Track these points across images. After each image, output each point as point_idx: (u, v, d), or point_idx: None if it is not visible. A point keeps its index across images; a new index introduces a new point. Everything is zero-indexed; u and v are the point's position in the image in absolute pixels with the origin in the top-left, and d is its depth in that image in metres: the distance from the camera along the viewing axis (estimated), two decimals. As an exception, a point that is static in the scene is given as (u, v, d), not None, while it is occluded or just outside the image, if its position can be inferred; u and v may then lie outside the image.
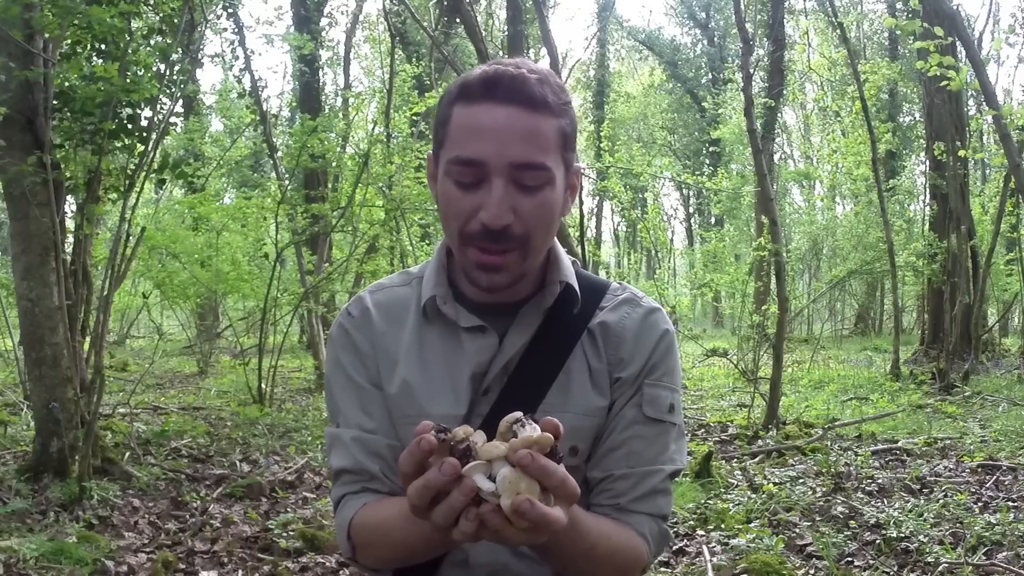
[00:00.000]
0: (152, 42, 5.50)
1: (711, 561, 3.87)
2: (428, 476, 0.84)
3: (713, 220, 28.77)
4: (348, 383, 1.20)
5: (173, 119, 5.79)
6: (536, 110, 1.06)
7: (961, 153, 10.78)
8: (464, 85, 1.08)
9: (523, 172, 1.05)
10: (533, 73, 1.07)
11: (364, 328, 1.22)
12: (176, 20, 5.54)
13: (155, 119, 5.32)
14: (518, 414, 0.89)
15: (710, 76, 29.70)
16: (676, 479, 1.21)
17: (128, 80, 4.77)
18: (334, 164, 10.77)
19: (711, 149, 25.30)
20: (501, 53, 17.53)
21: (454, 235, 1.11)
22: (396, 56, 15.79)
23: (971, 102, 13.57)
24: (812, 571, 3.78)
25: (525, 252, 1.10)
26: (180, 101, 6.47)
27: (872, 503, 4.76)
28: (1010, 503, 4.64)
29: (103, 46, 5.14)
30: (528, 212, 1.07)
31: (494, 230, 1.06)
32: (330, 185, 11.21)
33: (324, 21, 16.85)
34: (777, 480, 5.34)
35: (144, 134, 5.17)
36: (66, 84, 4.85)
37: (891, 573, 3.72)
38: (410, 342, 1.19)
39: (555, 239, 1.22)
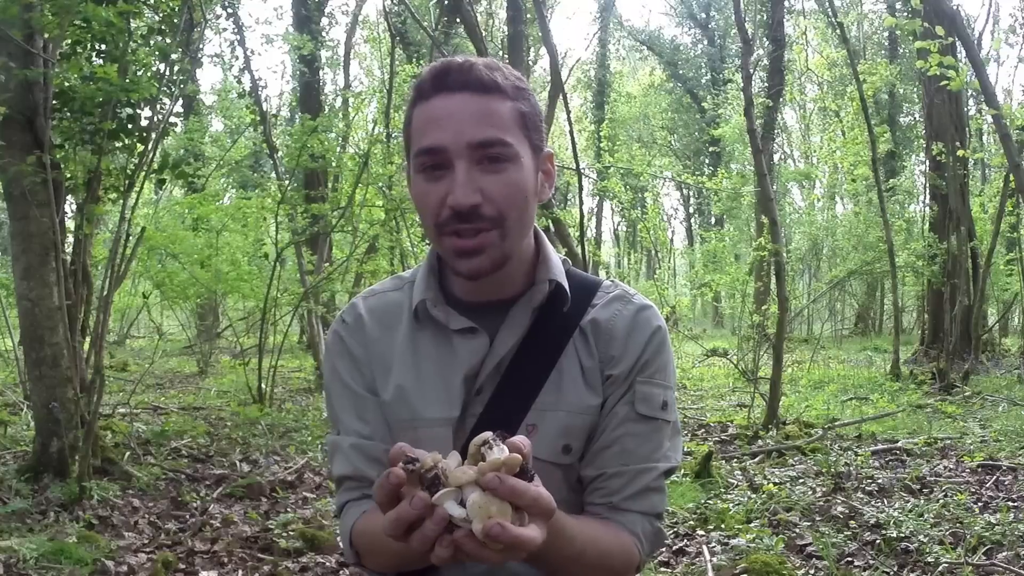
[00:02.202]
0: (152, 42, 5.50)
1: (711, 561, 3.87)
2: (399, 510, 0.85)
3: (713, 220, 28.78)
4: (345, 390, 1.20)
5: (173, 119, 5.79)
6: (487, 92, 1.08)
7: (960, 153, 10.78)
8: (418, 86, 1.11)
9: (484, 150, 1.07)
10: (481, 61, 1.10)
11: (358, 334, 1.22)
12: (176, 20, 5.54)
13: (155, 119, 5.32)
14: (487, 435, 0.88)
15: (710, 76, 29.68)
16: (671, 477, 1.20)
17: (128, 80, 4.77)
18: (334, 164, 10.76)
19: (711, 149, 25.29)
20: (501, 53, 17.53)
21: (430, 228, 1.12)
22: (396, 56, 15.77)
23: (971, 102, 13.57)
24: (812, 571, 3.78)
25: (503, 233, 1.10)
26: (180, 101, 6.47)
27: (872, 503, 4.76)
28: (1010, 503, 4.64)
29: (103, 46, 5.14)
30: (496, 191, 1.08)
31: (463, 211, 1.06)
32: (330, 185, 11.21)
33: (324, 21, 16.84)
34: (777, 480, 5.34)
35: (144, 134, 5.17)
36: (66, 84, 4.85)
37: (891, 573, 3.71)
38: (403, 346, 1.20)
39: (544, 238, 1.22)
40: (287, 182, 9.91)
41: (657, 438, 1.17)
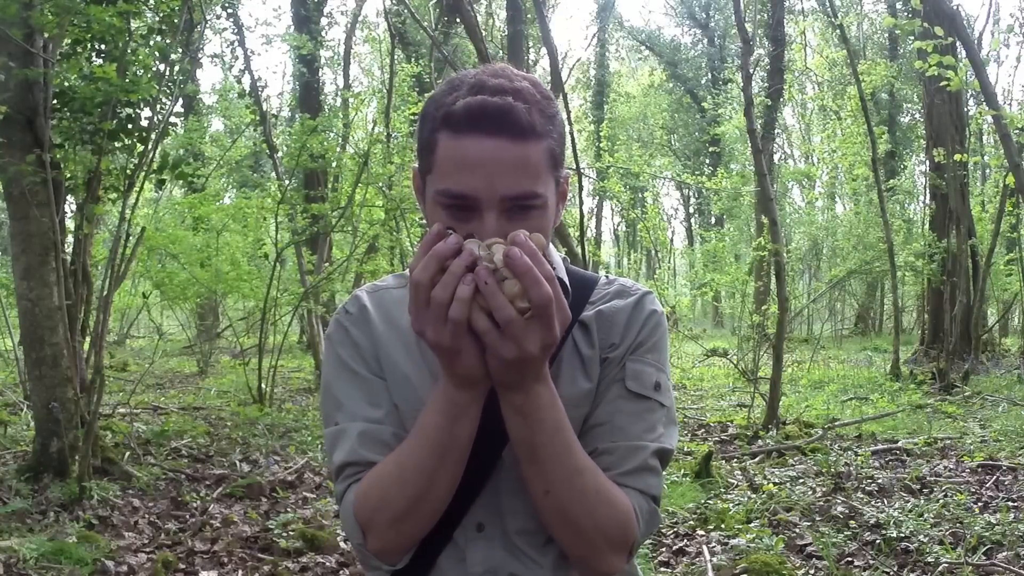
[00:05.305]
0: (152, 42, 5.50)
1: (711, 561, 3.87)
2: (435, 248, 0.95)
3: (713, 220, 28.78)
4: (352, 377, 1.19)
5: (173, 119, 5.79)
6: (525, 138, 1.04)
7: (957, 157, 10.78)
8: (448, 114, 1.05)
9: (515, 203, 1.05)
10: (518, 96, 1.05)
11: (362, 324, 1.22)
12: (176, 20, 5.54)
13: (155, 119, 5.32)
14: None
15: (710, 76, 29.70)
16: (667, 463, 1.18)
17: (128, 80, 4.77)
18: (334, 164, 10.77)
19: (711, 149, 25.30)
20: (501, 53, 17.52)
21: None
22: (396, 56, 15.78)
23: (971, 102, 13.57)
24: (812, 571, 3.78)
25: None
26: (180, 101, 6.47)
27: (872, 503, 4.76)
28: (1010, 503, 4.64)
29: (103, 46, 5.14)
30: None
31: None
32: (330, 185, 11.21)
33: (324, 21, 16.84)
34: (777, 480, 5.34)
35: (144, 134, 5.17)
36: (66, 84, 4.85)
37: (891, 573, 3.72)
38: (407, 340, 1.19)
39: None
40: (287, 182, 9.91)
41: (650, 419, 1.15)
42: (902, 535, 4.08)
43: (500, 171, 1.03)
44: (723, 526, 4.43)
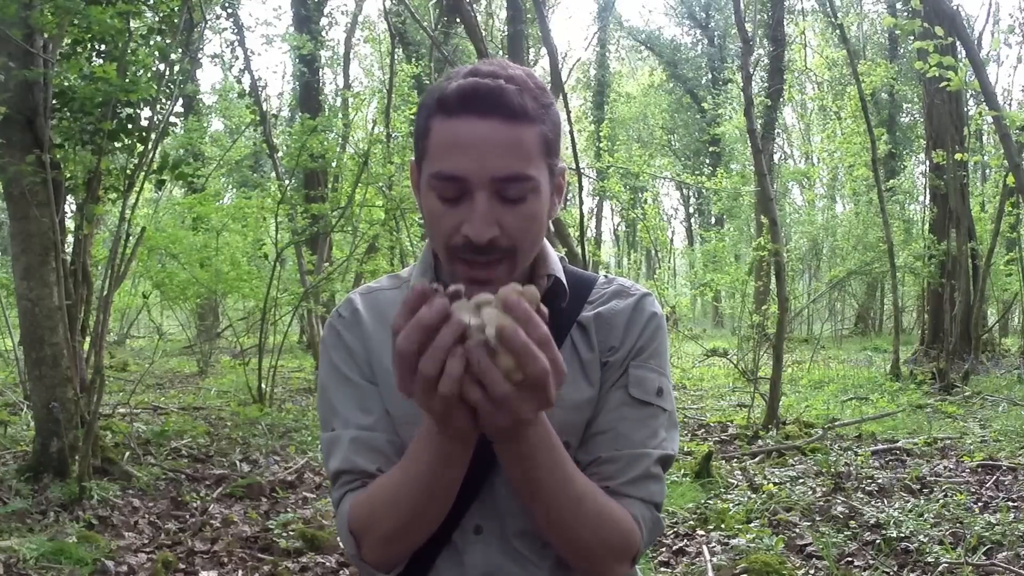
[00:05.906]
0: (152, 42, 5.50)
1: (711, 561, 3.87)
2: (419, 314, 0.86)
3: (713, 220, 28.78)
4: (344, 382, 1.19)
5: (173, 119, 5.79)
6: (517, 120, 1.04)
7: (959, 157, 10.79)
8: (442, 98, 1.06)
9: (506, 185, 1.04)
10: (511, 81, 1.05)
11: (355, 328, 1.21)
12: (176, 20, 5.54)
13: (155, 119, 5.32)
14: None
15: (710, 76, 29.71)
16: (669, 468, 1.18)
17: (127, 80, 4.77)
18: (334, 164, 10.77)
19: (711, 149, 25.31)
20: (501, 53, 17.52)
21: (441, 249, 1.10)
22: (396, 56, 15.78)
23: (971, 102, 13.57)
24: (812, 571, 3.78)
25: (513, 264, 1.09)
26: (180, 101, 6.47)
27: (872, 503, 4.76)
28: (1010, 503, 4.64)
29: (103, 46, 5.14)
30: (513, 224, 1.06)
31: (479, 244, 1.05)
32: (330, 185, 11.22)
33: (324, 21, 16.85)
34: (777, 480, 5.34)
35: (144, 134, 5.17)
36: (66, 84, 4.85)
37: (891, 573, 3.72)
38: None
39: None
40: (287, 182, 9.91)
41: (652, 425, 1.15)
42: (902, 535, 4.08)
43: (491, 152, 1.03)
44: (723, 526, 4.43)
